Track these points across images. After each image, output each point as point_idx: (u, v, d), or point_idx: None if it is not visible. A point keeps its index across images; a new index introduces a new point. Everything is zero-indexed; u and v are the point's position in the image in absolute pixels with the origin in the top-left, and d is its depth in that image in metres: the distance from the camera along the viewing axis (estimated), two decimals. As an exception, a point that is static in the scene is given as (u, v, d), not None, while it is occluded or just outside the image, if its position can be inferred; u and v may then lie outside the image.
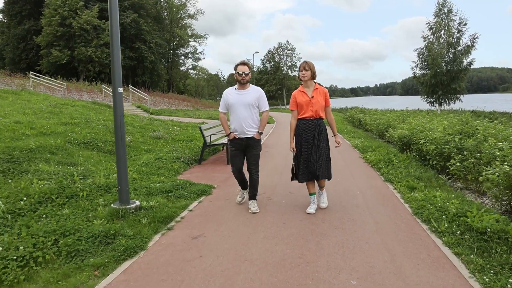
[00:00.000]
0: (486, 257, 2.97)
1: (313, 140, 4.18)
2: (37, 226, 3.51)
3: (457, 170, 5.50)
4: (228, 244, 3.45)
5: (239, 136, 4.35)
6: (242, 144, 4.37)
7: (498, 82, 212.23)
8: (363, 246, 3.38)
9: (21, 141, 6.88)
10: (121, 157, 4.33)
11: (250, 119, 4.33)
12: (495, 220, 3.46)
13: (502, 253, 2.99)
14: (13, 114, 10.43)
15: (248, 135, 4.34)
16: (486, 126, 6.69)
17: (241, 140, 4.36)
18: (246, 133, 4.33)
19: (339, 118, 25.62)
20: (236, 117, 4.33)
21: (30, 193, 4.33)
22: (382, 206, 4.63)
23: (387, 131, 11.23)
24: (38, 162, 5.86)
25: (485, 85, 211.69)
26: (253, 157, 4.40)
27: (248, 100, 4.30)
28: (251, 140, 4.35)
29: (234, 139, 4.38)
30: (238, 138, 4.36)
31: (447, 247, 3.28)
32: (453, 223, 3.67)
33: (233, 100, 4.34)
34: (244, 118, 4.29)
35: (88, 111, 14.89)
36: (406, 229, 3.81)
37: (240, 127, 4.32)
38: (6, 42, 47.53)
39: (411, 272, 2.84)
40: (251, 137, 4.34)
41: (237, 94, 4.36)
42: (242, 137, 4.35)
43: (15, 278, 2.72)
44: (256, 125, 4.40)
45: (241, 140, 4.36)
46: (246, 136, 4.34)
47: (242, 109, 4.30)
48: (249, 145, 4.37)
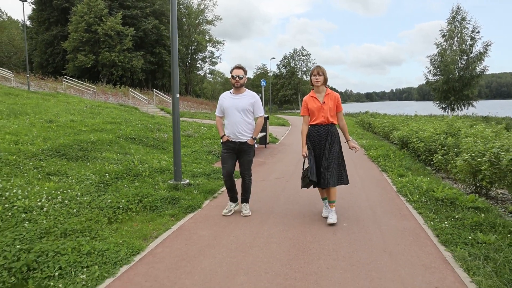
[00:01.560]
0: (437, 213, 4.31)
1: (325, 146, 4.10)
2: (124, 191, 4.98)
3: (439, 162, 6.79)
4: (257, 204, 4.85)
5: (232, 139, 4.35)
6: (235, 148, 4.37)
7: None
8: (355, 208, 4.74)
9: (82, 136, 8.43)
10: (177, 146, 5.81)
11: (243, 124, 4.31)
12: (453, 192, 4.78)
13: (449, 210, 4.33)
14: (63, 114, 12.08)
15: (241, 140, 4.33)
16: (468, 127, 7.95)
17: (234, 143, 4.35)
18: (239, 137, 4.32)
19: (351, 122, 26.80)
20: (229, 121, 4.34)
21: (108, 172, 5.82)
22: (374, 187, 5.98)
23: (392, 133, 12.48)
24: (102, 151, 7.39)
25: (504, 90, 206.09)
26: (246, 162, 4.41)
27: (242, 105, 4.29)
28: (244, 145, 4.34)
29: (227, 141, 4.38)
30: (231, 141, 4.35)
31: (414, 209, 4.62)
32: (422, 196, 5.01)
33: (227, 104, 4.35)
34: (237, 122, 4.28)
35: (121, 112, 16.56)
36: (388, 199, 5.16)
37: (233, 131, 4.31)
38: (34, 47, 50.17)
39: (385, 221, 4.19)
40: (244, 142, 4.33)
41: (232, 98, 4.36)
42: (235, 141, 4.34)
43: (123, 218, 4.19)
44: (250, 130, 4.37)
45: (234, 144, 4.35)
46: (239, 141, 4.33)
47: (236, 113, 4.28)
48: (242, 150, 4.36)
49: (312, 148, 4.17)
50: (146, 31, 45.50)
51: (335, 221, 4.10)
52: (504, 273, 2.74)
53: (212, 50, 61.94)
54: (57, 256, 3.01)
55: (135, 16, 45.62)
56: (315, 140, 4.16)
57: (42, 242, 3.20)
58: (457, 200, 4.55)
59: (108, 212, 4.25)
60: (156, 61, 47.71)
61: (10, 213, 3.76)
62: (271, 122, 22.78)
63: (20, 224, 3.57)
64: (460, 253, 3.19)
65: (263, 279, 2.83)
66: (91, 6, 40.45)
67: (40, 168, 5.59)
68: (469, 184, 5.73)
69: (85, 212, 4.18)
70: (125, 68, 43.01)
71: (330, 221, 4.09)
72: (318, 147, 4.14)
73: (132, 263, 3.16)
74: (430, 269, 2.96)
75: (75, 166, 6.12)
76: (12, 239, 3.18)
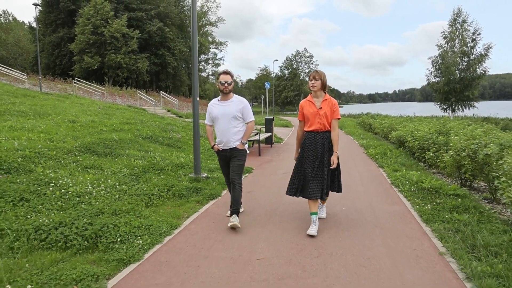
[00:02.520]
0: (423, 199, 5.08)
1: (322, 155, 3.90)
2: (154, 181, 5.76)
3: (431, 158, 7.54)
4: (268, 195, 5.62)
5: (222, 148, 4.30)
6: (227, 156, 4.32)
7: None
8: (353, 197, 5.50)
9: (105, 135, 9.20)
10: (197, 143, 6.59)
11: (233, 131, 4.22)
12: (438, 183, 5.54)
13: (433, 197, 5.10)
14: (81, 115, 12.88)
15: (231, 146, 4.25)
16: (459, 127, 8.70)
17: (224, 151, 4.30)
18: (229, 145, 4.26)
19: (352, 123, 27.54)
20: (219, 129, 4.27)
21: (135, 166, 6.60)
22: (371, 180, 6.75)
23: (390, 133, 13.23)
24: (125, 149, 8.17)
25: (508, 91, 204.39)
26: (236, 167, 4.26)
27: (230, 112, 4.19)
28: (234, 150, 4.25)
29: (218, 151, 4.36)
30: (222, 150, 4.31)
31: (404, 197, 5.39)
32: (412, 186, 5.78)
33: (216, 112, 4.25)
34: (226, 130, 4.21)
35: (132, 113, 17.36)
36: (383, 190, 5.92)
37: (223, 139, 4.26)
38: (41, 49, 50.93)
39: (379, 207, 4.96)
40: (234, 147, 4.25)
41: (221, 106, 4.26)
42: (226, 148, 4.28)
43: (157, 203, 4.97)
44: (240, 136, 4.28)
45: (225, 152, 4.30)
46: (230, 147, 4.26)
47: (225, 121, 4.20)
48: (233, 155, 4.27)
49: (305, 157, 3.96)
50: (151, 33, 46.37)
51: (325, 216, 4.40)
52: (468, 240, 3.50)
53: (215, 52, 62.86)
54: (115, 228, 3.78)
55: (140, 18, 46.48)
56: (311, 148, 3.94)
57: (100, 218, 3.97)
58: (441, 189, 5.32)
59: (144, 198, 5.03)
60: (160, 63, 48.53)
61: (67, 197, 4.55)
62: (275, 123, 23.54)
63: (78, 205, 4.35)
64: (437, 227, 3.95)
65: (278, 245, 3.60)
66: (97, 9, 41.30)
67: (78, 162, 6.38)
68: (455, 177, 6.48)
69: (125, 197, 4.96)
70: (131, 70, 43.87)
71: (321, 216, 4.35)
72: (313, 156, 3.92)
73: (173, 235, 3.93)
74: (412, 239, 3.72)
75: (105, 161, 6.90)
76: (76, 215, 3.96)
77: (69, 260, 3.20)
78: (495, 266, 2.89)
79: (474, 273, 2.85)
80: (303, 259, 3.26)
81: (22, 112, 11.67)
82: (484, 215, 4.23)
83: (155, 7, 48.14)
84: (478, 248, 3.31)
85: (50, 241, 3.46)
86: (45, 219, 3.76)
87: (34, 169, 5.46)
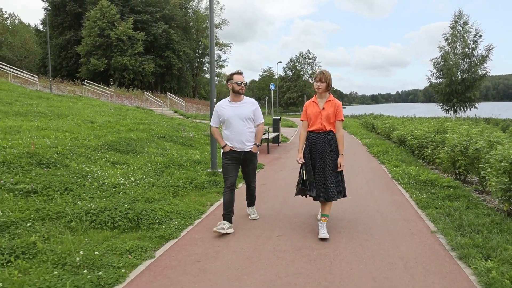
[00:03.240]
0: (420, 190, 5.68)
1: (322, 156, 3.89)
2: (176, 175, 6.37)
3: (429, 155, 8.11)
4: (281, 186, 6.22)
5: (236, 149, 4.14)
6: (239, 158, 4.17)
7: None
8: (357, 189, 6.09)
9: (123, 134, 9.82)
10: (214, 141, 7.19)
11: (248, 133, 4.13)
12: (434, 176, 6.13)
13: (429, 188, 5.69)
14: (97, 116, 13.53)
15: (245, 149, 4.14)
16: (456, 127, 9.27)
17: (238, 153, 4.14)
18: (244, 147, 4.14)
19: (356, 123, 28.12)
20: (233, 131, 4.10)
21: (157, 162, 7.21)
22: (373, 175, 7.33)
23: (392, 133, 13.80)
24: (144, 147, 8.78)
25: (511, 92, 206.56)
26: (252, 170, 4.31)
27: (245, 113, 4.11)
28: (248, 154, 4.17)
29: (230, 151, 4.16)
30: (235, 151, 4.14)
31: (403, 189, 5.98)
32: (410, 179, 6.37)
33: (229, 114, 4.10)
34: (241, 131, 4.08)
35: (142, 114, 18.00)
36: (384, 183, 6.51)
37: (239, 141, 4.10)
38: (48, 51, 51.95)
39: (380, 197, 5.54)
40: (249, 150, 4.16)
41: (233, 107, 4.13)
42: (240, 150, 4.14)
43: (182, 193, 5.58)
44: (253, 138, 4.22)
45: (238, 154, 4.14)
46: (244, 150, 4.14)
47: (240, 122, 4.08)
48: (247, 159, 4.20)
49: (308, 157, 3.97)
50: (156, 35, 47.09)
51: (327, 236, 3.80)
52: (456, 222, 4.08)
53: (218, 53, 63.48)
54: (152, 212, 4.39)
55: (145, 21, 47.22)
56: (312, 148, 3.97)
57: (137, 204, 4.58)
58: (436, 181, 5.91)
59: (170, 189, 5.64)
60: (165, 65, 49.21)
61: (104, 187, 5.17)
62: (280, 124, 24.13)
63: (115, 194, 4.97)
64: (431, 212, 4.54)
65: (293, 225, 4.20)
66: (103, 12, 42.03)
67: (105, 158, 7.00)
68: (451, 172, 7.06)
69: (153, 188, 5.57)
70: (136, 72, 44.57)
71: (322, 236, 3.79)
72: (314, 156, 3.95)
73: (201, 218, 4.54)
74: (408, 221, 4.32)
75: (129, 158, 7.53)
76: (116, 202, 4.57)
77: (119, 237, 3.81)
78: (476, 240, 3.47)
79: (458, 245, 3.43)
80: (316, 236, 3.85)
81: (42, 113, 12.33)
82: (472, 203, 4.82)
83: (160, 10, 48.89)
84: (464, 227, 3.89)
85: (99, 222, 4.07)
86: (92, 204, 4.39)
87: (69, 164, 6.08)
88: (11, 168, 5.37)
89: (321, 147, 3.90)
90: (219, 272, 3.07)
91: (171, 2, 49.81)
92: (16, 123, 9.44)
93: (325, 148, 3.89)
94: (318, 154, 3.92)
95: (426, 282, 2.83)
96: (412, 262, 3.20)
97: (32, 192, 4.68)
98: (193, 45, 56.27)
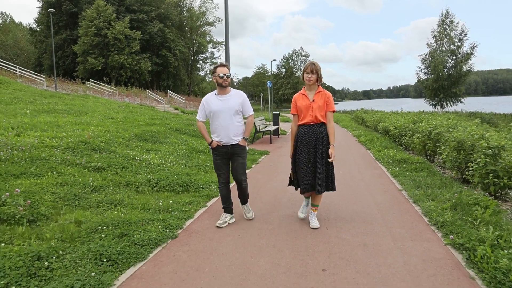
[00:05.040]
0: (395, 166, 7.29)
1: (314, 148, 3.88)
2: (202, 158, 7.87)
3: (406, 142, 9.73)
4: (286, 166, 7.77)
5: (223, 144, 4.06)
6: (227, 152, 4.10)
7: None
8: (348, 167, 7.67)
9: (144, 128, 11.27)
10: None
11: (235, 126, 4.04)
12: (406, 156, 7.75)
13: (401, 164, 7.31)
14: (111, 113, 14.91)
15: (233, 142, 4.05)
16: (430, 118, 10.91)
17: (225, 148, 4.07)
18: (231, 140, 4.05)
19: (347, 118, 29.82)
20: (219, 124, 4.03)
21: (181, 149, 8.70)
22: (361, 158, 8.94)
23: (379, 125, 15.45)
24: (166, 138, 10.25)
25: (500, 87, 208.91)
26: (240, 165, 4.15)
27: (232, 106, 4.01)
28: (236, 147, 4.08)
29: (217, 147, 4.09)
30: (222, 146, 4.07)
31: (383, 166, 7.59)
32: (389, 159, 7.99)
33: (216, 107, 4.01)
34: (228, 125, 4.00)
35: (149, 111, 19.41)
36: (369, 163, 8.12)
37: (226, 135, 4.02)
38: (43, 50, 52.45)
39: (365, 171, 7.13)
40: (236, 144, 4.07)
41: (220, 100, 4.04)
42: (227, 144, 4.06)
43: (211, 171, 7.09)
44: (241, 131, 4.12)
45: (226, 148, 4.07)
46: (231, 143, 4.05)
47: (227, 116, 4.00)
48: (235, 152, 4.10)
49: (299, 151, 3.98)
50: (152, 34, 48.15)
51: (318, 226, 3.97)
52: (416, 183, 5.68)
53: (212, 51, 64.71)
54: (195, 181, 5.91)
55: (141, 20, 48.23)
56: (304, 140, 3.92)
57: (182, 176, 6.08)
58: (408, 159, 7.55)
59: (201, 168, 7.17)
60: (161, 63, 50.29)
61: (151, 166, 6.67)
62: (275, 119, 25.71)
63: (161, 171, 6.47)
64: (400, 179, 6.15)
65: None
66: (100, 11, 42.90)
67: (140, 146, 8.48)
68: (423, 154, 8.68)
69: (187, 167, 7.08)
70: (133, 70, 45.61)
71: (313, 226, 3.96)
72: (307, 149, 3.92)
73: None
74: (383, 184, 5.92)
75: (157, 146, 9.01)
76: (166, 175, 6.07)
77: (176, 196, 5.32)
78: (426, 191, 5.08)
79: (414, 195, 5.04)
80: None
81: (65, 110, 13.69)
82: (432, 173, 6.44)
83: (156, 9, 49.90)
84: (421, 186, 5.50)
85: (159, 187, 5.58)
86: (149, 176, 5.88)
87: (115, 150, 7.55)
88: (75, 152, 6.83)
89: (314, 139, 3.88)
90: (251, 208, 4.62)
91: (166, 1, 50.81)
92: (51, 119, 10.82)
93: (317, 140, 3.88)
94: (312, 147, 3.89)
95: (390, 214, 4.42)
96: (383, 206, 4.79)
97: (102, 169, 6.16)
98: (188, 43, 57.36)
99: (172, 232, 3.88)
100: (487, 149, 4.98)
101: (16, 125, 8.60)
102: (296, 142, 4.03)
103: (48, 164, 5.79)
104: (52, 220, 3.99)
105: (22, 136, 7.36)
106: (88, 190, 5.01)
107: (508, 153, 4.91)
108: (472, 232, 3.42)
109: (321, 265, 3.10)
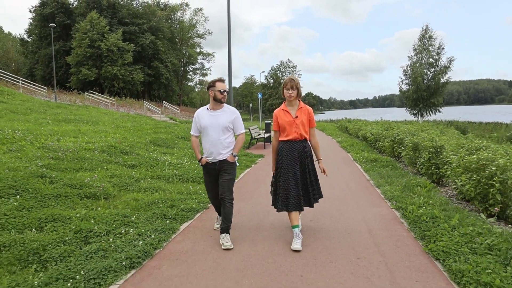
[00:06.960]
0: (367, 164, 9.07)
1: (300, 164, 3.89)
2: (210, 160, 9.50)
3: (379, 146, 11.55)
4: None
5: (211, 161, 4.04)
6: (215, 169, 4.05)
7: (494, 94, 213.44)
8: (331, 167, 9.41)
9: (153, 135, 12.81)
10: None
11: (223, 143, 3.99)
12: (377, 156, 9.55)
13: (373, 162, 9.12)
14: (117, 122, 16.41)
15: (221, 158, 4.00)
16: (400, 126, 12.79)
17: (213, 164, 4.04)
18: (217, 157, 4.01)
19: (332, 127, 31.80)
20: (207, 140, 4.02)
21: (191, 153, 10.30)
22: (342, 160, 10.72)
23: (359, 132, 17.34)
24: (175, 144, 11.84)
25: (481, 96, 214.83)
26: (226, 182, 4.00)
27: (221, 122, 3.97)
28: (224, 163, 4.01)
29: (206, 163, 4.08)
30: (211, 163, 4.05)
31: (358, 164, 9.36)
32: (363, 159, 9.77)
33: (206, 122, 4.00)
34: (216, 141, 3.96)
35: (150, 120, 20.93)
36: (347, 162, 9.89)
37: (212, 151, 4.00)
38: (36, 61, 53.11)
39: (344, 169, 8.88)
40: (224, 159, 4.00)
41: (211, 116, 4.01)
42: (214, 161, 4.03)
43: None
44: (230, 148, 4.05)
45: (214, 165, 4.04)
46: (219, 160, 4.01)
47: (215, 132, 3.96)
48: (222, 168, 4.02)
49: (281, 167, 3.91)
50: (144, 46, 49.62)
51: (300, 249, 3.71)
52: (381, 175, 7.44)
53: (202, 62, 66.45)
54: (210, 175, 7.52)
55: (133, 32, 49.68)
56: (289, 157, 3.88)
57: (200, 172, 7.68)
58: (378, 159, 9.36)
59: (211, 166, 8.78)
60: (153, 74, 51.68)
61: (173, 164, 8.26)
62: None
63: (181, 168, 8.06)
64: (370, 173, 7.91)
65: (293, 181, 7.46)
66: (93, 23, 44.11)
67: (157, 150, 10.05)
68: (392, 156, 10.49)
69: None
70: (126, 81, 46.85)
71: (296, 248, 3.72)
72: (292, 164, 3.87)
73: (245, 172, 7.70)
74: (357, 177, 7.66)
75: (170, 150, 10.59)
76: (187, 170, 7.67)
77: (199, 185, 6.92)
78: (386, 180, 6.84)
79: (378, 183, 6.79)
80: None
81: (77, 120, 15.16)
82: (395, 168, 8.23)
83: (147, 22, 51.44)
84: (384, 177, 7.26)
85: (184, 179, 7.19)
86: (175, 171, 7.48)
87: (139, 152, 9.12)
88: (109, 154, 8.38)
89: (299, 156, 3.89)
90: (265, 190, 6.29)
91: (158, 14, 52.45)
92: (73, 127, 12.30)
93: (302, 156, 3.89)
94: (297, 164, 3.88)
95: (358, 194, 6.15)
96: (354, 189, 6.52)
97: (136, 166, 7.74)
98: (178, 55, 58.95)
99: (204, 205, 5.52)
100: (432, 148, 6.78)
101: (50, 132, 10.09)
102: (281, 157, 3.95)
103: (94, 162, 7.35)
104: (117, 198, 5.58)
105: (61, 142, 8.87)
106: (133, 181, 6.60)
107: (446, 150, 6.72)
108: (408, 201, 5.17)
109: (304, 220, 4.77)
